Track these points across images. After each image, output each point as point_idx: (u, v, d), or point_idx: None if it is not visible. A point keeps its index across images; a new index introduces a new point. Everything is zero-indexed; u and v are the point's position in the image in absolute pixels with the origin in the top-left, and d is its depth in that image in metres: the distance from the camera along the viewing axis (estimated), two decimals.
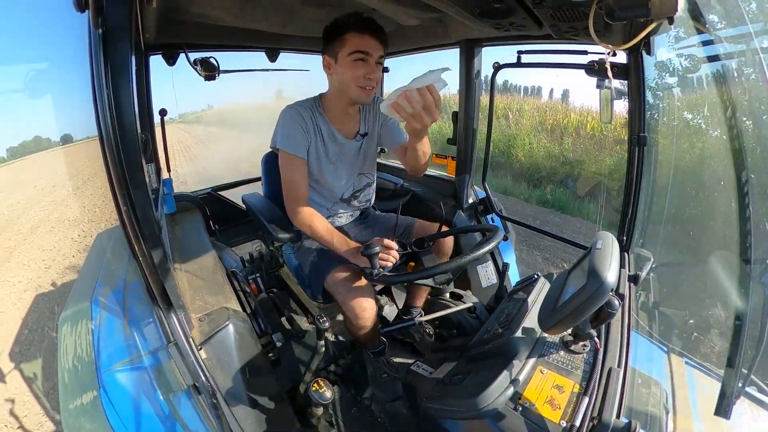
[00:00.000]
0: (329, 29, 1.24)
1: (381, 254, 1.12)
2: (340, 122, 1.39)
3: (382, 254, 1.13)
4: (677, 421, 1.09)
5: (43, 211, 8.14)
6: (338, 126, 1.39)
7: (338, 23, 1.22)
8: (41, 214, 7.94)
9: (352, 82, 1.23)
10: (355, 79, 1.23)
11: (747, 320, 0.90)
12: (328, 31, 1.24)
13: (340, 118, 1.39)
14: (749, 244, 0.88)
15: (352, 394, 1.44)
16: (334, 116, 1.37)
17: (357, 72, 1.22)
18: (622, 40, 1.02)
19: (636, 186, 1.26)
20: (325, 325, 1.10)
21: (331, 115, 1.37)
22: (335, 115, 1.37)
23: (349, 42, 1.20)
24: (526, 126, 9.02)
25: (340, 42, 1.21)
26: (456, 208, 1.89)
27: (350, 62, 1.21)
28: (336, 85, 1.30)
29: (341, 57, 1.22)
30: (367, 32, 1.19)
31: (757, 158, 0.90)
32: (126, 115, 0.73)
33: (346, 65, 1.22)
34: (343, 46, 1.21)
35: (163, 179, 1.70)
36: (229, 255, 1.69)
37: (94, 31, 0.67)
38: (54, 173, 13.94)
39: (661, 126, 1.46)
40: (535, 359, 0.97)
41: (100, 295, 1.11)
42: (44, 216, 7.71)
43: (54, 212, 8.00)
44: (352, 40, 1.19)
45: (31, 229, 6.77)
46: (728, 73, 0.86)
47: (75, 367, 1.04)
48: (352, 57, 1.20)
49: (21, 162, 21.66)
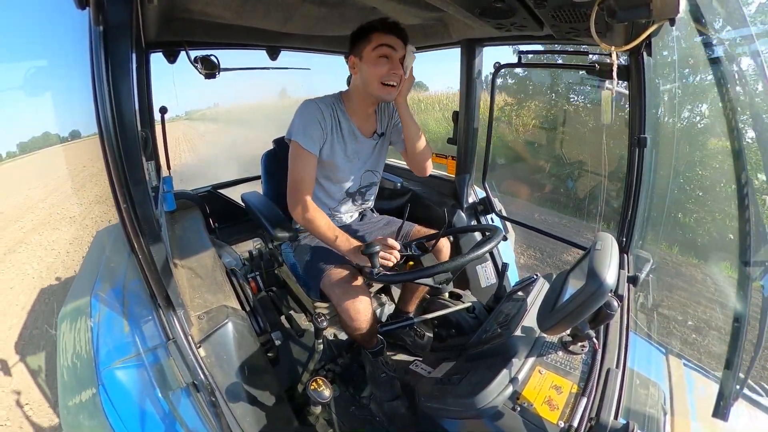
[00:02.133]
0: (356, 33, 1.29)
1: (382, 253, 1.12)
2: (360, 120, 1.41)
3: (383, 254, 1.13)
4: (675, 422, 1.09)
5: (45, 209, 8.14)
6: (358, 123, 1.41)
7: (364, 26, 1.27)
8: (45, 211, 7.94)
9: (376, 79, 1.27)
10: (380, 76, 1.26)
11: (746, 322, 0.90)
12: (355, 35, 1.29)
13: (361, 117, 1.41)
14: (748, 246, 0.88)
15: (351, 393, 1.45)
16: (355, 113, 1.39)
17: (381, 68, 1.25)
18: (623, 41, 1.02)
19: (636, 187, 1.26)
20: (323, 324, 1.10)
21: (352, 112, 1.39)
22: (356, 114, 1.39)
23: (375, 39, 1.24)
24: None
25: (366, 40, 1.26)
26: (456, 207, 1.89)
27: (375, 58, 1.25)
28: (359, 84, 1.33)
29: (366, 54, 1.26)
30: (391, 32, 1.25)
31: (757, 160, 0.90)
32: (126, 112, 0.73)
33: (371, 62, 1.26)
34: (369, 43, 1.25)
35: (163, 177, 1.69)
36: (228, 253, 1.69)
37: (94, 29, 0.67)
38: (58, 169, 13.95)
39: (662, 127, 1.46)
40: (533, 359, 0.97)
41: (99, 292, 1.11)
42: (50, 211, 7.72)
43: (57, 208, 8.00)
44: (378, 37, 1.24)
45: (37, 225, 6.78)
46: (728, 75, 0.86)
47: (74, 364, 1.05)
48: (377, 52, 1.24)
49: (31, 157, 21.67)
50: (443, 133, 8.56)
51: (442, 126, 9.67)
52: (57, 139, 17.58)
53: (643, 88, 1.19)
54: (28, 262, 5.03)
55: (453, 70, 1.52)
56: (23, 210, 8.25)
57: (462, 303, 1.39)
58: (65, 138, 15.74)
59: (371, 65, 1.26)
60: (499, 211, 1.91)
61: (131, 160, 0.76)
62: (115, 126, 0.72)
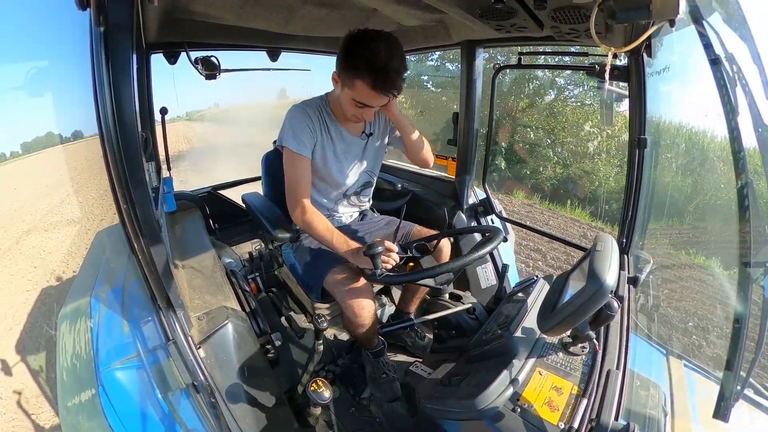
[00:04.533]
0: (346, 53, 1.16)
1: (382, 255, 1.12)
2: (346, 121, 1.41)
3: (383, 256, 1.13)
4: (676, 423, 1.09)
5: (45, 210, 8.15)
6: (344, 123, 1.41)
7: (356, 57, 1.13)
8: (44, 210, 7.94)
9: (349, 111, 1.27)
10: (352, 113, 1.27)
11: (746, 323, 0.90)
12: (344, 55, 1.17)
13: (347, 118, 1.40)
14: (749, 246, 0.88)
15: (351, 394, 1.44)
16: (340, 116, 1.40)
17: (356, 111, 1.25)
18: (623, 42, 1.02)
19: (636, 188, 1.26)
20: (323, 325, 1.10)
21: (337, 114, 1.40)
22: (342, 115, 1.39)
23: (357, 90, 1.17)
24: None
25: (349, 80, 1.18)
26: (456, 209, 1.89)
27: (352, 101, 1.22)
28: (338, 98, 1.32)
29: (346, 91, 1.22)
30: (377, 90, 1.16)
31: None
32: (127, 113, 0.73)
33: (347, 100, 1.23)
34: (351, 88, 1.19)
35: (163, 178, 1.69)
36: (228, 254, 1.69)
37: (95, 30, 0.67)
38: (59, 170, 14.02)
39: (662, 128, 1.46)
40: (534, 360, 0.97)
41: (99, 293, 1.11)
42: (47, 212, 7.72)
43: (57, 208, 8.01)
44: (361, 91, 1.17)
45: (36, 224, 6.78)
46: (728, 76, 0.86)
47: (74, 365, 1.04)
48: (354, 102, 1.22)
49: (35, 156, 21.72)
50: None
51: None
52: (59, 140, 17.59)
53: (643, 89, 1.19)
54: (28, 262, 5.03)
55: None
56: (23, 210, 8.25)
57: (462, 304, 1.39)
58: (67, 138, 15.78)
59: (347, 102, 1.24)
60: (499, 212, 1.91)
61: (131, 161, 0.76)
62: (115, 127, 0.72)
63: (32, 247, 5.63)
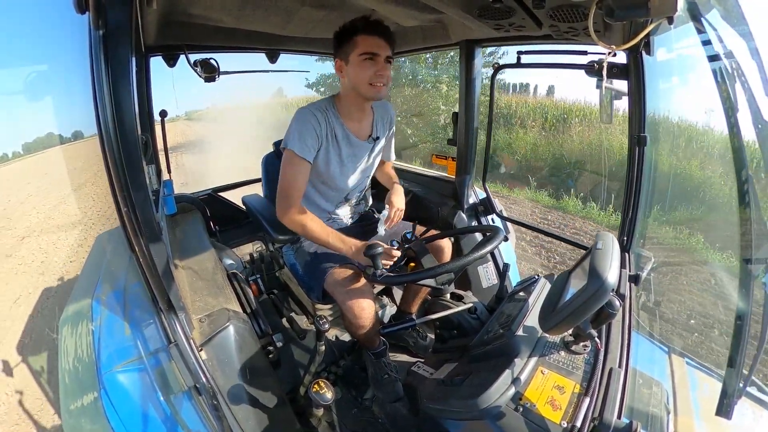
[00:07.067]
0: (339, 34, 1.29)
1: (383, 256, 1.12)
2: (353, 123, 1.41)
3: (384, 257, 1.13)
4: (678, 421, 1.08)
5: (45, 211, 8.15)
6: (352, 127, 1.41)
7: (347, 27, 1.27)
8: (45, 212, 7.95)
9: (364, 81, 1.28)
10: (367, 78, 1.27)
11: (748, 320, 0.89)
12: (339, 36, 1.30)
13: (354, 119, 1.42)
14: (750, 243, 0.88)
15: (353, 395, 1.44)
16: (348, 117, 1.40)
17: (367, 71, 1.27)
18: (621, 40, 1.02)
19: (636, 186, 1.26)
20: (324, 326, 1.10)
21: (345, 115, 1.39)
22: (349, 116, 1.40)
23: (360, 44, 1.25)
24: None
25: (351, 44, 1.26)
26: (456, 208, 1.89)
27: (360, 62, 1.26)
28: (348, 86, 1.33)
29: (352, 58, 1.27)
30: (375, 34, 1.25)
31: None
32: (126, 116, 0.73)
33: (357, 66, 1.27)
34: (354, 48, 1.26)
35: (163, 180, 1.69)
36: (229, 256, 1.69)
37: (94, 33, 0.67)
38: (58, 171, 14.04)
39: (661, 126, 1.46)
40: (535, 360, 0.97)
41: (100, 296, 1.11)
42: (47, 214, 7.73)
43: (57, 210, 8.02)
44: (362, 42, 1.25)
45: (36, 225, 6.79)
46: (728, 72, 0.86)
47: (75, 368, 1.04)
48: (362, 57, 1.25)
49: (34, 157, 21.78)
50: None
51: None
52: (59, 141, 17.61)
53: (643, 86, 1.19)
54: (29, 261, 5.04)
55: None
56: (23, 210, 8.26)
57: (464, 304, 1.38)
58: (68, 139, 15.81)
59: (357, 68, 1.27)
60: (500, 211, 1.91)
61: (132, 163, 0.76)
62: (115, 130, 0.72)
63: (33, 248, 5.63)
